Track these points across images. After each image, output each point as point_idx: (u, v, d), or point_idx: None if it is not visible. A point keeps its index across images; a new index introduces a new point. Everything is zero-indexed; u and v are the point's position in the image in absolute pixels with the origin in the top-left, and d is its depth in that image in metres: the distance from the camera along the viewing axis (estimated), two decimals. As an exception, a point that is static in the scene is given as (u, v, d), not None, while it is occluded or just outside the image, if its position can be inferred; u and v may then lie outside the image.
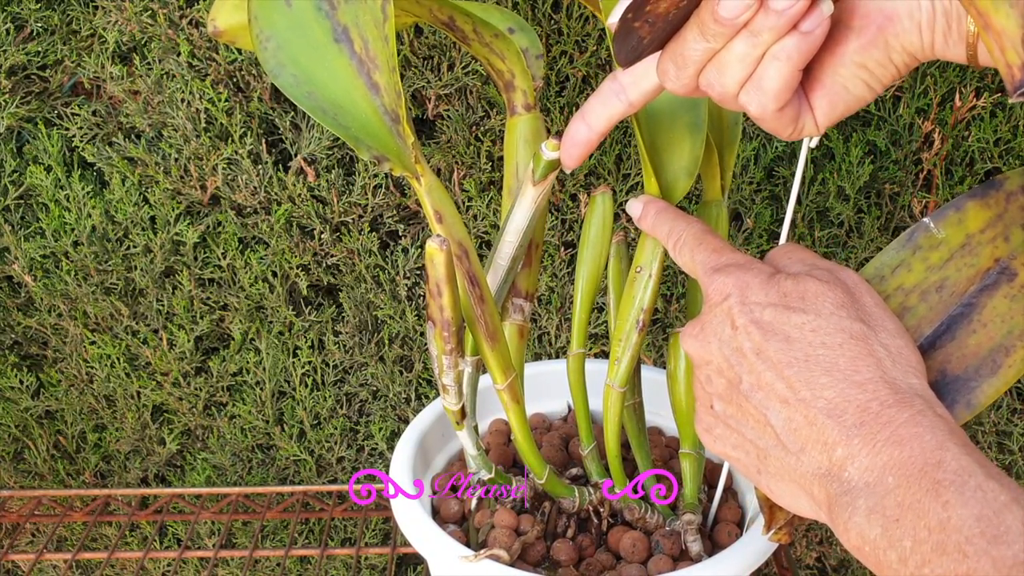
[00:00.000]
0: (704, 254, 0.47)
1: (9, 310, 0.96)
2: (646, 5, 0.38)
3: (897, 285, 0.47)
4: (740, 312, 0.43)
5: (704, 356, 0.45)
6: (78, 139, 0.90)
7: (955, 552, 0.34)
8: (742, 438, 0.43)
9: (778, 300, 0.43)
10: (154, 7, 0.85)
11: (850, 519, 0.38)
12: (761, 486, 0.44)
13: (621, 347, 0.55)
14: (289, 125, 0.89)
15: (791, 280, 0.43)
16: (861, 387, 0.40)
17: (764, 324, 0.42)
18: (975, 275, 0.46)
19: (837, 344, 0.41)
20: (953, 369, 0.45)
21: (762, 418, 0.42)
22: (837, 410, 0.40)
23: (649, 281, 0.53)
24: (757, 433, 0.43)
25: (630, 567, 0.58)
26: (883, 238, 0.90)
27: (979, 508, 0.35)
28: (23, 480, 1.05)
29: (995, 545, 0.34)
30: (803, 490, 0.41)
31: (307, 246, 0.92)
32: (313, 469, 1.02)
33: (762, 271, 0.44)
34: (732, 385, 0.43)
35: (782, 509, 0.51)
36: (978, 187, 0.47)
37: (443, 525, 0.59)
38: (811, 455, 0.40)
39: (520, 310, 0.58)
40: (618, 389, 0.56)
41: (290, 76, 0.45)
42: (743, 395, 0.43)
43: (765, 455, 0.42)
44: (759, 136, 0.88)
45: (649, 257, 0.53)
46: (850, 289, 0.44)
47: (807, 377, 0.41)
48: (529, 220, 0.53)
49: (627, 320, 0.54)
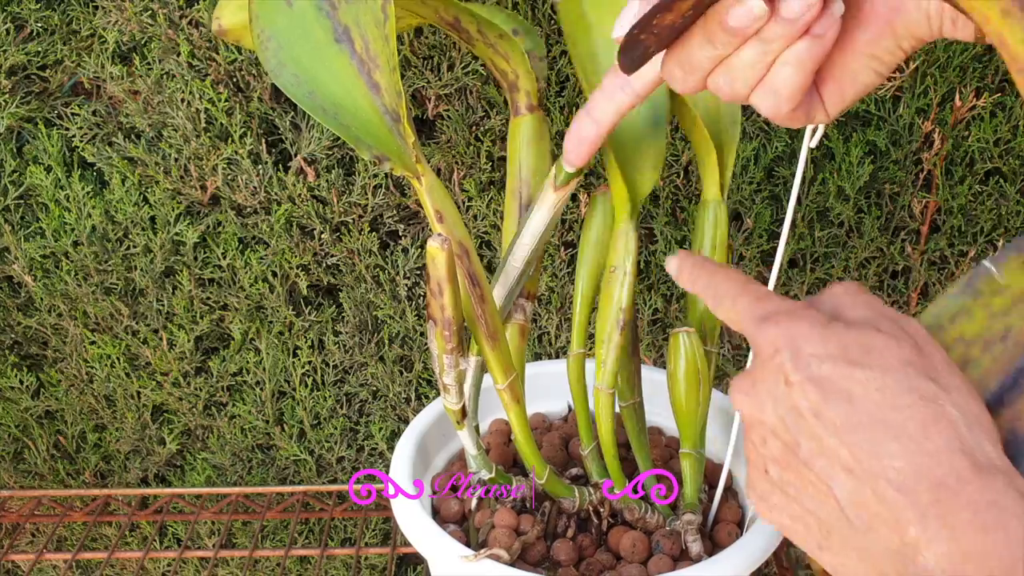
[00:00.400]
0: (747, 302, 0.43)
1: (9, 310, 0.96)
2: (652, 19, 0.37)
3: (957, 335, 0.42)
4: (795, 368, 0.38)
5: (757, 416, 0.40)
6: (78, 139, 0.90)
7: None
8: (802, 509, 0.39)
9: (838, 352, 0.38)
10: (154, 7, 0.85)
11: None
12: (823, 562, 0.40)
13: (605, 348, 0.54)
14: (289, 125, 0.89)
15: (854, 331, 0.39)
16: (935, 458, 0.35)
17: (823, 381, 0.38)
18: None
19: (906, 405, 0.36)
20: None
21: (824, 488, 0.38)
22: (908, 484, 0.35)
23: (624, 279, 0.53)
24: (818, 504, 0.38)
25: (630, 567, 0.58)
26: (883, 238, 0.90)
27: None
28: (23, 480, 1.05)
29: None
30: (873, 568, 0.37)
31: (307, 246, 0.92)
32: (313, 469, 1.02)
33: (816, 320, 0.39)
34: (789, 449, 0.39)
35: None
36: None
37: (443, 525, 0.59)
38: (880, 533, 0.36)
39: (521, 309, 0.58)
40: (607, 391, 0.55)
41: (291, 76, 0.45)
42: (802, 462, 0.38)
43: (828, 529, 0.38)
44: (759, 136, 0.88)
45: (622, 255, 0.52)
46: (919, 344, 0.39)
47: (873, 444, 0.36)
48: (547, 224, 0.53)
49: (607, 320, 0.54)
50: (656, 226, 0.90)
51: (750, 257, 0.91)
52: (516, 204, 0.57)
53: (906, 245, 0.90)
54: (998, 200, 0.88)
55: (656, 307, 0.93)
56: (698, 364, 0.55)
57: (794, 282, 0.92)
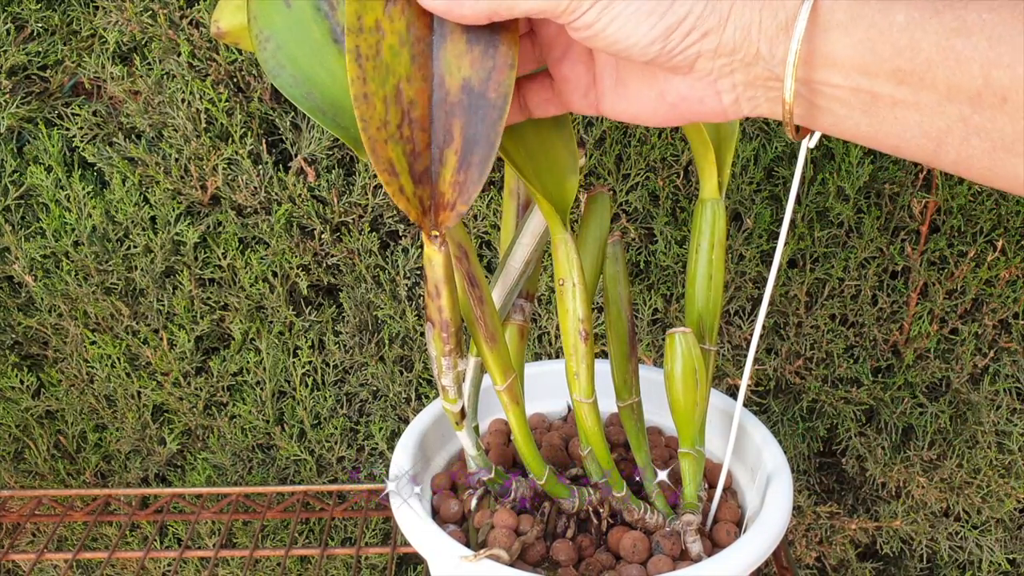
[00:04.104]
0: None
1: (10, 310, 0.96)
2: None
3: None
4: None
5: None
6: (78, 139, 0.90)
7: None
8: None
9: None
10: (154, 7, 0.85)
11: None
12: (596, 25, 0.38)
13: (575, 361, 0.53)
14: (289, 125, 0.89)
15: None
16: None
17: None
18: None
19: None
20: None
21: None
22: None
23: (575, 290, 0.51)
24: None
25: (630, 567, 0.58)
26: (883, 238, 0.90)
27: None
28: (23, 480, 1.05)
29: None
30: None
31: (307, 246, 0.92)
32: (313, 469, 1.02)
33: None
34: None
35: None
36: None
37: (443, 525, 0.59)
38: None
39: (520, 310, 0.58)
40: (586, 401, 0.55)
41: (289, 77, 0.45)
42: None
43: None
44: (759, 136, 0.88)
45: (566, 267, 0.51)
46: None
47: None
48: (547, 226, 0.53)
49: (569, 334, 0.53)
50: (656, 226, 0.90)
51: (750, 257, 0.91)
52: (514, 204, 0.57)
53: (906, 245, 0.90)
54: (998, 200, 0.88)
55: (656, 307, 0.93)
56: (695, 364, 0.55)
57: (794, 282, 0.92)
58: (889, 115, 0.36)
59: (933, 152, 0.36)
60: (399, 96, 0.39)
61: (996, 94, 0.33)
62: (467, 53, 0.40)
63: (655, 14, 0.36)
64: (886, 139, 0.37)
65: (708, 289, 0.57)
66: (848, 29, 0.35)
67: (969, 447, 0.95)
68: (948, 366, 0.94)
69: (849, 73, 0.36)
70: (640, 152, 0.88)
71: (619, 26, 0.37)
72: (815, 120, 0.39)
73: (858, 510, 1.03)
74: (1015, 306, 0.90)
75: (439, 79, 0.40)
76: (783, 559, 0.78)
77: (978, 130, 0.34)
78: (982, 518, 0.99)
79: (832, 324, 0.93)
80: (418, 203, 0.41)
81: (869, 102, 0.36)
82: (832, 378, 0.96)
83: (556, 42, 0.44)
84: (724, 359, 0.96)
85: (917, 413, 0.96)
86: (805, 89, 0.37)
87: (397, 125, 0.39)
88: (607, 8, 0.36)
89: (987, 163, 0.35)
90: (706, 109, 0.40)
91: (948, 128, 0.35)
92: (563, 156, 0.50)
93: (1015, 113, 0.33)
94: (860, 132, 0.37)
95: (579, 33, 0.38)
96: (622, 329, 0.58)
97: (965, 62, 0.33)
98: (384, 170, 0.39)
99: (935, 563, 1.04)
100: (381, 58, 0.39)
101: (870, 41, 0.35)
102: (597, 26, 0.37)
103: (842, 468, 1.02)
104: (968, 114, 0.34)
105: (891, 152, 0.38)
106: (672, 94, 0.41)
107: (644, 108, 0.42)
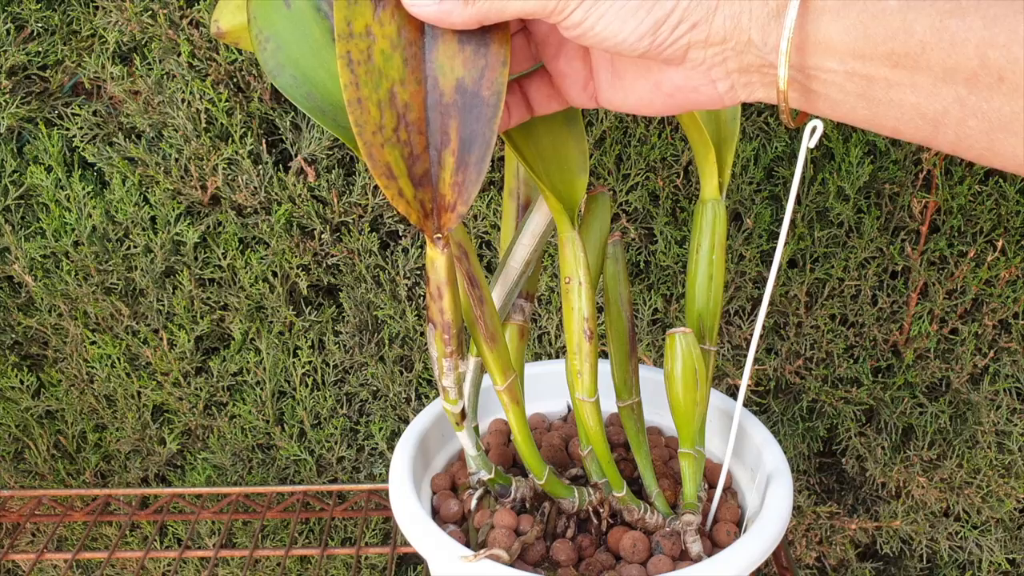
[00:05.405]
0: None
1: (10, 310, 0.96)
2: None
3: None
4: None
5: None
6: (78, 139, 0.90)
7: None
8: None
9: None
10: (154, 7, 0.85)
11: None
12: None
13: (578, 359, 0.53)
14: (289, 125, 0.89)
15: None
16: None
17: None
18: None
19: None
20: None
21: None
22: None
23: (581, 289, 0.51)
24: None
25: (630, 567, 0.58)
26: (883, 238, 0.90)
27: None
28: (23, 480, 1.05)
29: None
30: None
31: (307, 246, 0.92)
32: (313, 469, 1.02)
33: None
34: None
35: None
36: None
37: (443, 525, 0.59)
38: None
39: (520, 310, 0.58)
40: (588, 400, 0.55)
41: (289, 77, 0.45)
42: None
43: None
44: (759, 136, 0.88)
45: (573, 265, 0.51)
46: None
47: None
48: (547, 225, 0.53)
49: (574, 332, 0.53)
50: (656, 226, 0.90)
51: (750, 257, 0.91)
52: (514, 204, 0.57)
53: (906, 245, 0.90)
54: (998, 200, 0.88)
55: (656, 307, 0.93)
56: (695, 364, 0.55)
57: (794, 282, 0.92)
58: (885, 98, 0.36)
59: (931, 133, 0.36)
60: (393, 100, 0.39)
61: (992, 74, 0.33)
62: (459, 53, 0.40)
63: (642, 9, 0.37)
64: (884, 122, 0.37)
65: (708, 289, 0.57)
66: (840, 14, 0.35)
67: (969, 447, 0.95)
68: (948, 366, 0.94)
69: (843, 58, 0.36)
70: (640, 152, 0.88)
71: (607, 23, 0.37)
72: (812, 105, 0.39)
73: (858, 510, 1.03)
74: (1015, 306, 0.90)
75: (433, 81, 0.40)
76: (783, 559, 0.78)
77: (975, 111, 0.34)
78: (982, 518, 0.99)
79: (832, 324, 0.93)
80: (419, 206, 0.41)
81: (865, 86, 0.36)
82: (832, 378, 0.96)
83: (550, 39, 0.44)
84: (724, 359, 0.96)
85: (917, 413, 0.96)
86: (800, 75, 0.37)
87: (393, 128, 0.39)
88: (593, 7, 0.37)
89: (985, 143, 0.35)
90: (702, 97, 0.41)
91: (945, 110, 0.35)
92: (574, 155, 0.50)
93: (1012, 93, 0.33)
94: (857, 116, 0.37)
95: (569, 32, 0.38)
96: (622, 329, 0.58)
97: (960, 43, 0.33)
98: (381, 174, 0.39)
99: (935, 563, 1.04)
100: (373, 63, 0.39)
101: (863, 25, 0.35)
102: (585, 25, 0.37)
103: (842, 468, 1.02)
104: (964, 95, 0.34)
105: (890, 134, 0.37)
106: (667, 84, 0.41)
107: (641, 99, 0.43)
